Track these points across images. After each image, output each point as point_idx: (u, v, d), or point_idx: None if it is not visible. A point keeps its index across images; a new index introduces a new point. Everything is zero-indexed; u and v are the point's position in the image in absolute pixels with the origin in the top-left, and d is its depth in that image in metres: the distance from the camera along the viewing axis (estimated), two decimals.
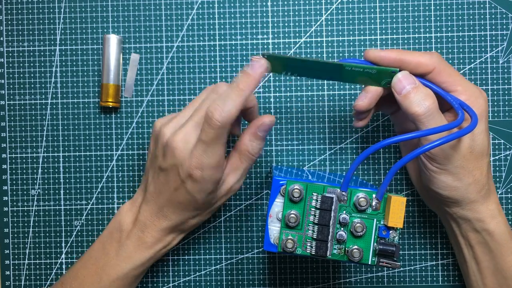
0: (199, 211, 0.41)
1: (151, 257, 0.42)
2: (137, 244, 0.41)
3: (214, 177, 0.38)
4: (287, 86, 0.48)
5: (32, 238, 0.49)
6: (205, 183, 0.38)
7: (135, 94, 0.49)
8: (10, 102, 0.49)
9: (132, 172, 0.49)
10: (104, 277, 0.41)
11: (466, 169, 0.38)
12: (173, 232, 0.42)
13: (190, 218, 0.41)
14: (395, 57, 0.38)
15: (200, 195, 0.39)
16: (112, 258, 0.41)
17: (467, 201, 0.39)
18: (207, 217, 0.43)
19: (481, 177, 0.39)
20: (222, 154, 0.38)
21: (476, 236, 0.41)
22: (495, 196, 0.41)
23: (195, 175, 0.38)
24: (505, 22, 0.48)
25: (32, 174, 0.49)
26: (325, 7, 0.48)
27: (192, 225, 0.42)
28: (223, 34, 0.48)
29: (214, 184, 0.39)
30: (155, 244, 0.41)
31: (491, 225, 0.40)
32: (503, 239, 0.40)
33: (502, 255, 0.40)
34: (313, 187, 0.34)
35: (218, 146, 0.37)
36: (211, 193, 0.40)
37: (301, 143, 0.48)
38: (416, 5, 0.48)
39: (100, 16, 0.49)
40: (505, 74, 0.48)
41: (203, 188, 0.39)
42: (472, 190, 0.39)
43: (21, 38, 0.49)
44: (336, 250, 0.34)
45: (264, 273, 0.49)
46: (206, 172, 0.38)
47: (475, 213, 0.40)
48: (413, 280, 0.48)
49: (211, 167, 0.38)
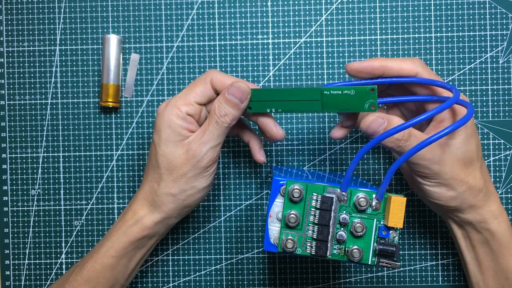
0: (160, 170, 0.40)
1: (124, 232, 0.41)
2: (119, 219, 0.42)
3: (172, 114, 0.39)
4: (287, 87, 0.48)
5: (32, 238, 0.49)
6: (162, 122, 0.39)
7: (135, 94, 0.49)
8: (10, 102, 0.49)
9: (132, 172, 0.49)
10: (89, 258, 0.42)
11: (458, 179, 0.38)
12: (144, 204, 0.41)
13: (155, 181, 0.40)
14: (378, 65, 0.39)
15: (157, 140, 0.40)
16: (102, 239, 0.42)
17: (466, 207, 0.40)
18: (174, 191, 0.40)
19: (475, 183, 0.39)
20: (190, 99, 0.40)
21: (478, 236, 0.41)
22: (495, 197, 0.41)
23: (158, 110, 0.40)
24: (505, 22, 0.48)
25: (32, 174, 0.49)
26: (325, 7, 0.48)
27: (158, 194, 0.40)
28: (223, 34, 0.48)
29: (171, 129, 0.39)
30: (129, 217, 0.41)
31: (493, 225, 0.40)
32: (505, 240, 0.40)
33: (504, 255, 0.40)
34: (313, 187, 0.34)
35: (190, 91, 0.40)
36: (168, 141, 0.39)
37: (301, 143, 0.48)
38: (416, 5, 0.48)
39: (100, 16, 0.49)
40: (505, 74, 0.48)
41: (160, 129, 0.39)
42: (468, 196, 0.39)
43: (21, 38, 0.49)
44: (336, 250, 0.34)
45: (264, 273, 0.49)
46: (167, 107, 0.39)
47: (477, 216, 0.40)
48: (413, 280, 0.48)
49: (175, 103, 0.39)
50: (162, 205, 0.40)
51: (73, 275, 0.41)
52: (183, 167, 0.39)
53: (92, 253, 0.42)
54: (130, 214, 0.41)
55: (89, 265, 0.41)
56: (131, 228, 0.41)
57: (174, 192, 0.40)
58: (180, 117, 0.39)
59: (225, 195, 0.49)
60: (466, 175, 0.38)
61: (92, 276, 0.41)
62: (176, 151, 0.39)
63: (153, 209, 0.41)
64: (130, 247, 0.41)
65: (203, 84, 0.40)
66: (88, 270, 0.41)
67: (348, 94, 0.37)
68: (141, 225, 0.41)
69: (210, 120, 0.39)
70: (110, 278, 0.41)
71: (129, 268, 0.42)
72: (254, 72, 0.48)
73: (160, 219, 0.41)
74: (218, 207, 0.49)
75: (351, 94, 0.37)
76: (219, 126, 0.39)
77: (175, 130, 0.39)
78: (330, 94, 0.37)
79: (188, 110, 0.39)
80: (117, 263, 0.41)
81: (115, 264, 0.41)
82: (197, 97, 0.40)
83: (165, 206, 0.40)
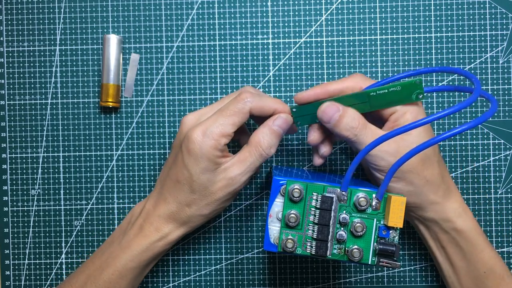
0: (195, 195, 0.40)
1: (147, 247, 0.41)
2: (137, 233, 0.41)
3: (211, 147, 0.38)
4: (287, 86, 0.48)
5: (32, 238, 0.49)
6: (201, 153, 0.38)
7: (135, 94, 0.49)
8: (10, 102, 0.49)
9: (132, 172, 0.49)
10: (105, 269, 0.41)
11: (414, 172, 0.39)
12: (170, 221, 0.41)
13: (186, 205, 0.40)
14: (320, 91, 0.40)
15: (194, 169, 0.38)
16: (115, 249, 0.41)
17: (427, 204, 0.40)
18: (205, 212, 0.40)
19: (433, 178, 0.39)
20: (228, 130, 0.38)
21: (446, 236, 0.41)
22: (456, 194, 0.41)
23: (193, 136, 0.38)
24: (505, 22, 0.48)
25: (32, 174, 0.49)
26: (325, 7, 0.48)
27: (188, 215, 0.40)
28: (223, 34, 0.48)
29: (210, 160, 0.38)
30: (152, 233, 0.41)
31: (458, 223, 0.41)
32: (472, 236, 0.41)
33: (473, 252, 0.41)
34: (313, 187, 0.34)
35: (229, 121, 0.38)
36: (206, 170, 0.38)
37: (301, 143, 0.48)
38: (416, 5, 0.48)
39: (100, 16, 0.49)
40: (505, 74, 0.48)
41: (198, 159, 0.38)
42: (427, 192, 0.40)
43: (21, 38, 0.49)
44: (336, 250, 0.34)
45: (264, 273, 0.49)
46: (205, 138, 0.38)
47: (440, 214, 0.41)
48: (413, 280, 0.48)
49: (213, 135, 0.38)
50: (190, 222, 0.41)
51: (88, 285, 0.41)
52: (219, 193, 0.39)
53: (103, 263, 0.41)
54: (151, 230, 0.41)
55: (106, 276, 0.41)
56: (156, 244, 0.41)
57: (206, 213, 0.41)
58: (218, 149, 0.38)
59: None
60: (423, 169, 0.39)
61: (109, 287, 0.41)
62: (212, 178, 0.39)
63: (179, 225, 0.41)
64: (151, 260, 0.42)
65: (243, 116, 0.39)
66: (104, 281, 0.41)
67: (395, 90, 0.38)
68: (167, 241, 0.41)
69: (253, 152, 0.39)
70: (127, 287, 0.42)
71: (143, 276, 0.43)
72: (254, 72, 0.48)
73: (186, 232, 0.42)
74: None
75: (398, 90, 0.38)
76: (262, 158, 0.39)
77: (213, 161, 0.39)
78: (376, 95, 0.39)
79: (226, 141, 0.39)
80: (137, 275, 0.42)
81: (134, 275, 0.42)
82: (235, 128, 0.39)
83: (194, 223, 0.41)
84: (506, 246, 0.48)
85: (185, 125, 0.41)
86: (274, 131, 0.39)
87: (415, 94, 0.38)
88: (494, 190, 0.48)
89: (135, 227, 0.41)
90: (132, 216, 0.43)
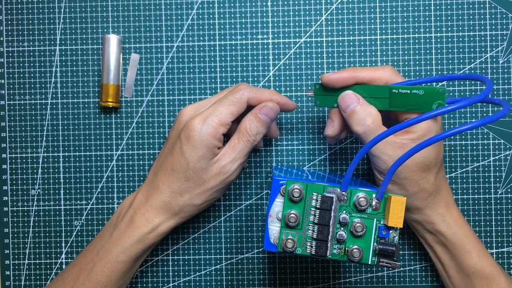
0: (188, 183, 0.40)
1: (138, 239, 0.41)
2: (127, 225, 0.41)
3: (210, 135, 0.39)
4: (287, 86, 0.48)
5: (32, 238, 0.49)
6: (199, 140, 0.39)
7: (135, 94, 0.49)
8: (10, 102, 0.49)
9: (132, 172, 0.49)
10: (97, 262, 0.41)
11: (411, 180, 0.39)
12: (161, 212, 0.41)
13: (179, 193, 0.40)
14: (348, 76, 0.40)
15: (191, 156, 0.39)
16: (106, 242, 0.41)
17: (413, 207, 0.41)
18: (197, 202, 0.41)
19: (427, 186, 0.40)
20: (227, 119, 0.39)
21: (432, 237, 0.42)
22: (445, 201, 0.41)
23: (193, 124, 0.39)
24: (505, 22, 0.48)
25: (32, 174, 0.49)
26: (325, 7, 0.48)
27: (180, 205, 0.40)
28: (223, 34, 0.48)
29: (208, 149, 0.39)
30: (143, 225, 0.41)
31: (442, 226, 0.41)
32: (457, 240, 0.41)
33: (460, 254, 0.41)
34: (313, 187, 0.34)
35: (228, 111, 0.39)
36: (202, 158, 0.39)
37: (301, 143, 0.48)
38: (416, 5, 0.48)
39: (100, 16, 0.49)
40: (505, 74, 0.48)
41: (197, 146, 0.39)
42: (417, 198, 0.40)
43: (21, 38, 0.49)
44: (336, 250, 0.34)
45: (264, 273, 0.49)
46: (205, 126, 0.39)
47: (424, 216, 0.41)
48: (413, 280, 0.48)
49: (212, 123, 0.39)
50: (182, 213, 0.41)
51: (81, 279, 0.41)
52: (212, 182, 0.40)
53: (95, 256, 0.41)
54: (142, 221, 0.41)
55: (98, 269, 0.41)
56: (147, 236, 0.41)
57: (198, 203, 0.41)
58: (217, 138, 0.39)
59: (225, 195, 0.49)
60: (420, 178, 0.39)
61: (101, 280, 0.41)
62: (207, 167, 0.40)
63: (170, 216, 0.41)
64: (142, 252, 0.42)
65: (240, 105, 0.40)
66: (96, 274, 0.41)
67: (417, 93, 0.38)
68: (157, 233, 0.41)
69: (241, 138, 0.40)
70: (119, 281, 0.41)
71: (136, 269, 0.43)
72: (254, 72, 0.48)
73: (176, 224, 0.42)
74: (218, 207, 0.49)
75: (420, 94, 0.38)
76: (250, 144, 0.40)
77: (211, 150, 0.39)
78: (398, 93, 0.38)
79: (224, 130, 0.40)
80: (129, 268, 0.42)
81: (126, 268, 0.41)
82: (233, 118, 0.40)
83: (185, 213, 0.41)
84: (506, 246, 0.48)
85: (183, 116, 0.41)
86: (260, 119, 0.40)
87: (436, 104, 0.37)
88: (494, 190, 0.48)
89: (126, 220, 0.42)
90: (122, 209, 0.43)
